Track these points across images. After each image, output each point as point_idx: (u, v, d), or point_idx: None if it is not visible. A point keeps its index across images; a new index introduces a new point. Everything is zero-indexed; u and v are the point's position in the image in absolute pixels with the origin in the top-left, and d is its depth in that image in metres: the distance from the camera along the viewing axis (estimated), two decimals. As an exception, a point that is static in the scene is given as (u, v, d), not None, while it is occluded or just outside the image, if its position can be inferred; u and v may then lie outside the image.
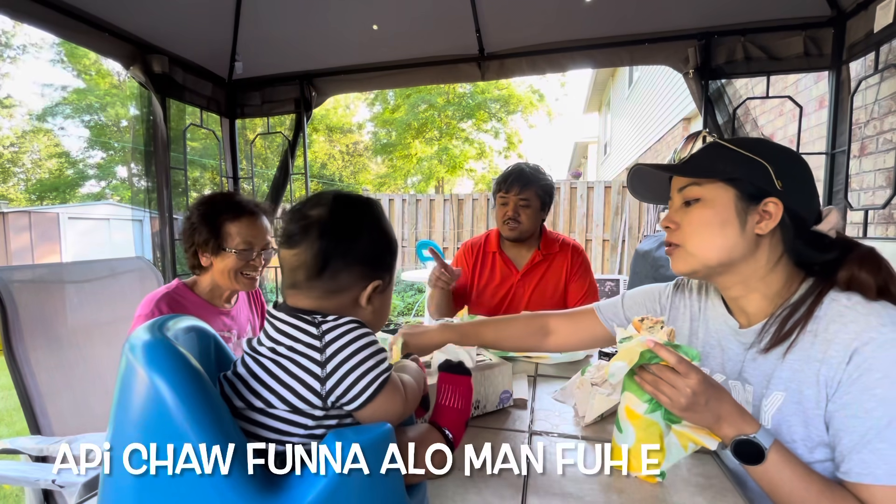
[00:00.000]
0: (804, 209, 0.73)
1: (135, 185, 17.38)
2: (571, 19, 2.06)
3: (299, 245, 0.57)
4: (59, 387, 1.30)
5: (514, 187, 1.69)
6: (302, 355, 0.53)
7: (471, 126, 13.45)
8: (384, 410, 0.54)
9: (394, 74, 2.40)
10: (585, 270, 1.78)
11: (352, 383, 0.52)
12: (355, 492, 0.48)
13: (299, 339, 0.54)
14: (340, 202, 0.59)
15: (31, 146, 15.49)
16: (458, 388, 0.66)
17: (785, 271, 0.76)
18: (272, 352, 0.54)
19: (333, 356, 0.52)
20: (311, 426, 0.53)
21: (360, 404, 0.53)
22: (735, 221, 0.73)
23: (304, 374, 0.52)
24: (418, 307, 6.06)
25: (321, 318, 0.55)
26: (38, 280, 1.33)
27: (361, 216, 0.59)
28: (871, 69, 1.75)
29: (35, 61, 20.30)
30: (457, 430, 0.64)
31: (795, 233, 0.73)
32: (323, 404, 0.53)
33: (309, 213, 0.57)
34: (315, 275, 0.56)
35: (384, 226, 0.61)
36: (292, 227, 0.57)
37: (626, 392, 0.75)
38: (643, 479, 0.73)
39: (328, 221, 0.56)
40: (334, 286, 0.57)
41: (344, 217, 0.58)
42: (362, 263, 0.58)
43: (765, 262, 0.75)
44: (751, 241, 0.73)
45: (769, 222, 0.72)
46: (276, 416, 0.52)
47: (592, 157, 15.59)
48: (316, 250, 0.56)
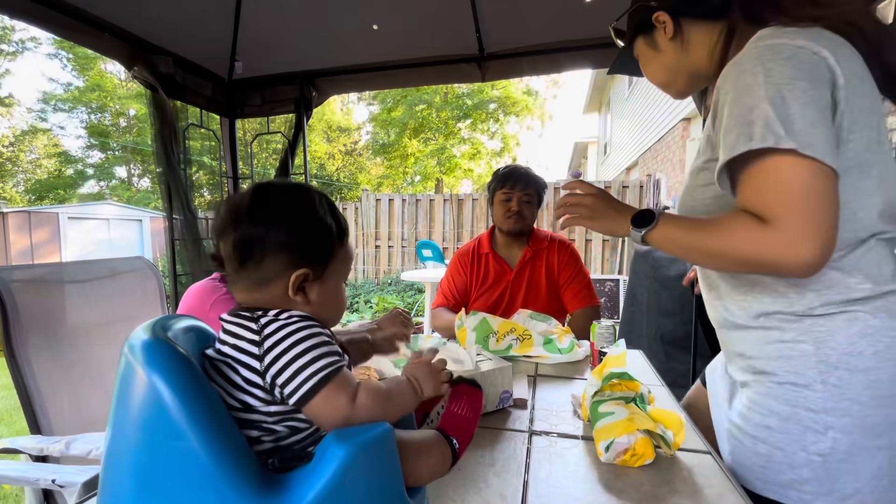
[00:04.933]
0: None
1: (134, 186, 17.41)
2: (571, 19, 2.06)
3: (222, 237, 0.56)
4: (59, 387, 1.30)
5: (519, 183, 1.76)
6: (244, 352, 0.52)
7: (468, 126, 13.47)
8: (332, 410, 0.50)
9: (394, 74, 2.40)
10: (574, 260, 1.81)
11: (290, 376, 0.50)
12: (355, 491, 0.48)
13: (242, 336, 0.53)
14: (261, 189, 0.57)
15: (31, 146, 15.48)
16: (471, 401, 0.67)
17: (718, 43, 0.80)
18: (219, 353, 0.54)
19: (270, 349, 0.51)
20: (271, 422, 0.52)
21: (299, 398, 0.50)
22: (656, 53, 0.85)
23: (247, 372, 0.52)
24: (418, 307, 6.05)
25: (261, 314, 0.54)
26: (38, 280, 1.33)
27: (281, 202, 0.57)
28: (871, 69, 1.74)
29: (34, 57, 20.21)
30: (463, 439, 0.64)
31: (692, 8, 0.79)
32: (272, 398, 0.52)
33: (233, 203, 0.56)
34: (240, 265, 0.55)
35: (312, 212, 0.57)
36: (220, 218, 0.56)
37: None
38: (629, 465, 0.77)
39: (247, 208, 0.55)
40: (258, 276, 0.56)
41: (262, 203, 0.56)
42: (286, 251, 0.55)
43: (703, 53, 0.81)
44: (675, 48, 0.82)
45: (668, 27, 0.81)
46: (234, 417, 0.51)
47: (592, 157, 15.59)
48: (236, 239, 0.55)
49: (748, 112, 0.63)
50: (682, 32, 0.80)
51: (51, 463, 1.16)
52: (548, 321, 1.50)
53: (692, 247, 0.70)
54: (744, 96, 0.64)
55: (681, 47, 0.81)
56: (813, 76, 0.62)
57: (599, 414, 0.84)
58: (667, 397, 1.07)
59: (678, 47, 0.81)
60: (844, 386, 0.65)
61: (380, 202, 7.49)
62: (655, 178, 6.17)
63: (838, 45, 0.65)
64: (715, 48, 0.79)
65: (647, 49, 0.87)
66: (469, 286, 1.84)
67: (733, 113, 0.65)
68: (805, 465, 0.68)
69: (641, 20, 0.84)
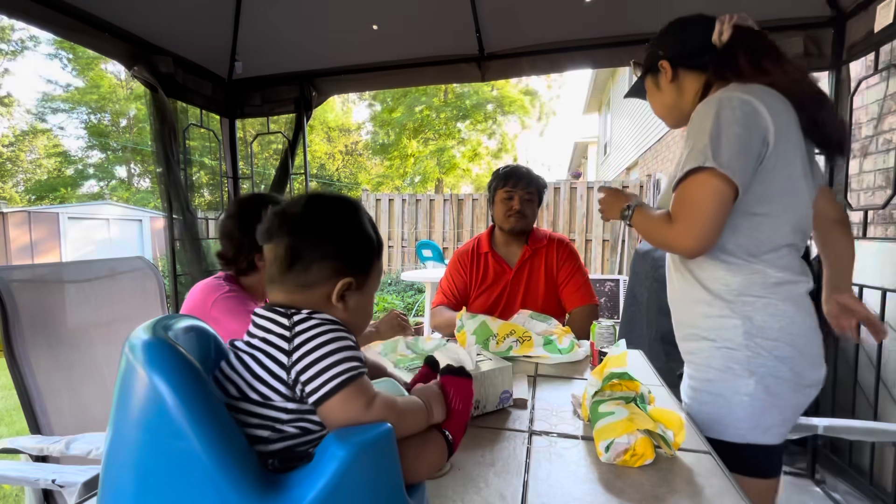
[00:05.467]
0: (684, 48, 1.04)
1: (134, 185, 17.40)
2: (571, 19, 2.06)
3: (273, 240, 0.59)
4: (59, 387, 1.30)
5: (521, 182, 1.77)
6: (272, 346, 0.54)
7: (467, 126, 13.48)
8: (346, 413, 0.52)
9: (394, 74, 2.40)
10: (573, 259, 1.81)
11: (314, 374, 0.52)
12: (355, 491, 0.48)
13: (272, 330, 0.55)
14: (315, 200, 0.61)
15: (31, 146, 15.48)
16: (460, 392, 0.66)
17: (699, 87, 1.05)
18: (248, 345, 0.56)
19: (300, 346, 0.53)
20: (285, 420, 0.53)
21: (319, 397, 0.52)
22: (658, 91, 1.10)
23: (272, 365, 0.53)
24: (418, 307, 6.05)
25: (294, 311, 0.56)
26: (38, 280, 1.33)
27: (334, 213, 0.61)
28: (871, 69, 1.75)
29: (34, 57, 20.21)
30: (457, 432, 0.64)
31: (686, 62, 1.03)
32: (292, 395, 0.53)
33: (285, 210, 0.60)
34: (286, 268, 0.58)
35: (360, 225, 0.62)
36: (268, 222, 0.60)
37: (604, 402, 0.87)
38: (629, 465, 0.77)
39: (300, 217, 0.59)
40: (304, 280, 0.59)
41: (316, 213, 0.60)
42: (333, 259, 0.59)
43: (691, 96, 1.05)
44: (673, 89, 1.07)
45: (668, 73, 1.06)
46: (249, 411, 0.53)
47: (592, 157, 15.59)
48: (287, 244, 0.58)
49: (698, 143, 0.88)
50: (678, 78, 1.05)
51: (51, 463, 1.16)
52: (548, 321, 1.50)
53: (644, 232, 1.00)
54: (699, 132, 0.89)
55: (676, 89, 1.06)
56: (748, 123, 0.87)
57: (599, 414, 0.84)
58: (667, 397, 1.07)
59: (675, 89, 1.07)
60: (760, 349, 0.92)
61: (380, 202, 7.49)
62: (655, 178, 6.17)
63: (776, 101, 0.90)
64: (698, 94, 1.03)
65: (652, 86, 1.12)
66: (469, 285, 1.84)
67: (689, 144, 0.90)
68: (738, 405, 0.93)
69: (651, 63, 1.09)
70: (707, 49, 0.99)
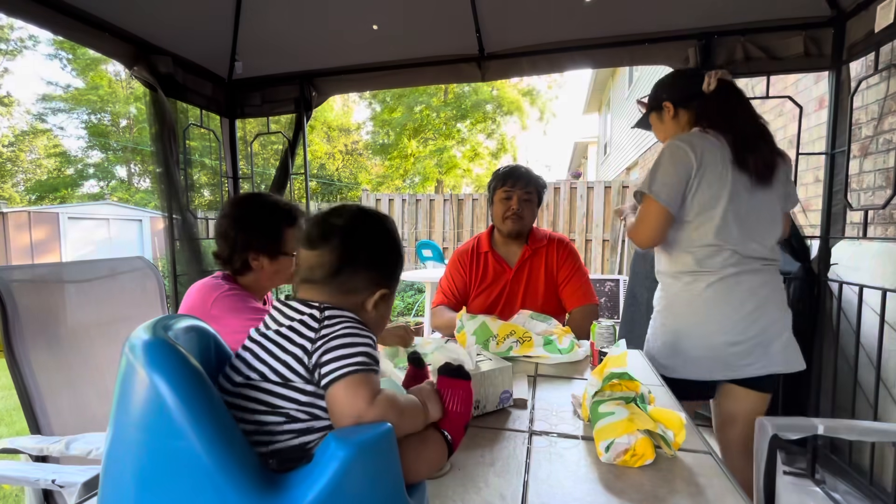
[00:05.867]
0: (683, 93, 1.38)
1: (134, 185, 17.39)
2: (571, 19, 2.06)
3: (321, 247, 0.63)
4: (59, 387, 1.30)
5: (519, 182, 1.76)
6: (298, 333, 0.58)
7: (467, 126, 13.47)
8: (351, 401, 0.53)
9: (394, 74, 2.40)
10: (573, 258, 1.81)
11: (331, 358, 0.55)
12: (355, 491, 0.48)
13: (301, 320, 0.59)
14: (363, 214, 0.67)
15: (31, 146, 15.47)
16: (458, 392, 0.66)
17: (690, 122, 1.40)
18: (276, 333, 0.59)
19: (325, 335, 0.57)
20: (303, 402, 0.55)
21: (330, 379, 0.54)
22: (662, 124, 1.45)
23: (296, 349, 0.57)
24: (418, 307, 6.05)
25: (327, 306, 0.60)
26: (38, 280, 1.33)
27: (380, 228, 0.67)
28: (871, 69, 1.75)
29: (34, 56, 20.21)
30: (456, 433, 0.65)
31: (684, 103, 1.38)
32: (310, 377, 0.56)
33: (333, 221, 0.65)
34: (332, 274, 0.63)
35: (396, 240, 0.69)
36: (316, 230, 0.65)
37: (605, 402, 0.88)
38: (629, 465, 0.77)
39: (352, 229, 0.65)
40: (347, 287, 0.64)
41: (365, 227, 0.66)
42: (375, 270, 0.65)
43: (686, 127, 1.39)
44: (674, 123, 1.41)
45: (670, 111, 1.40)
46: (268, 389, 0.55)
47: (592, 157, 15.58)
48: (339, 253, 0.63)
49: (647, 174, 1.30)
50: (678, 115, 1.39)
51: (51, 463, 1.16)
52: (548, 321, 1.50)
53: (628, 231, 1.39)
54: (651, 166, 1.30)
55: (676, 123, 1.40)
56: (676, 161, 1.26)
57: (599, 414, 0.84)
58: (667, 397, 1.07)
59: (675, 123, 1.40)
60: (672, 313, 1.35)
61: (380, 202, 7.49)
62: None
63: (707, 144, 1.26)
64: (691, 125, 1.37)
65: (657, 121, 1.46)
66: (468, 285, 1.84)
67: (649, 170, 1.30)
68: (662, 346, 1.35)
69: (656, 104, 1.43)
70: (697, 95, 1.34)
